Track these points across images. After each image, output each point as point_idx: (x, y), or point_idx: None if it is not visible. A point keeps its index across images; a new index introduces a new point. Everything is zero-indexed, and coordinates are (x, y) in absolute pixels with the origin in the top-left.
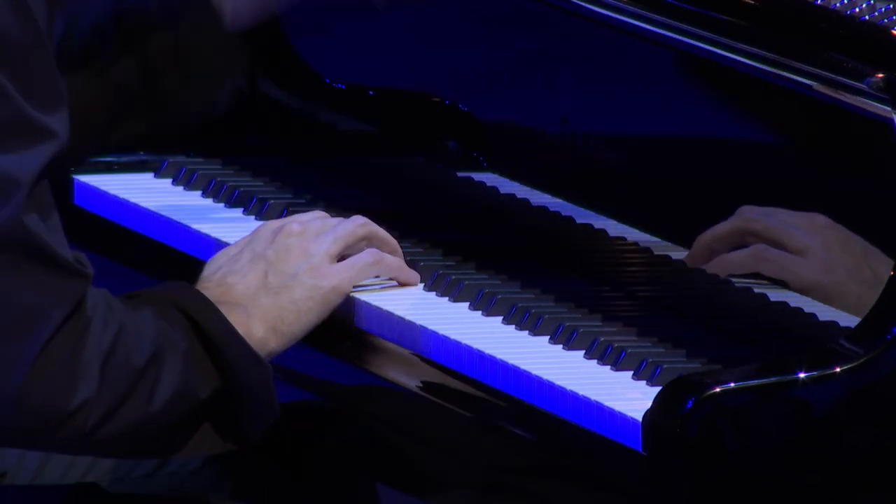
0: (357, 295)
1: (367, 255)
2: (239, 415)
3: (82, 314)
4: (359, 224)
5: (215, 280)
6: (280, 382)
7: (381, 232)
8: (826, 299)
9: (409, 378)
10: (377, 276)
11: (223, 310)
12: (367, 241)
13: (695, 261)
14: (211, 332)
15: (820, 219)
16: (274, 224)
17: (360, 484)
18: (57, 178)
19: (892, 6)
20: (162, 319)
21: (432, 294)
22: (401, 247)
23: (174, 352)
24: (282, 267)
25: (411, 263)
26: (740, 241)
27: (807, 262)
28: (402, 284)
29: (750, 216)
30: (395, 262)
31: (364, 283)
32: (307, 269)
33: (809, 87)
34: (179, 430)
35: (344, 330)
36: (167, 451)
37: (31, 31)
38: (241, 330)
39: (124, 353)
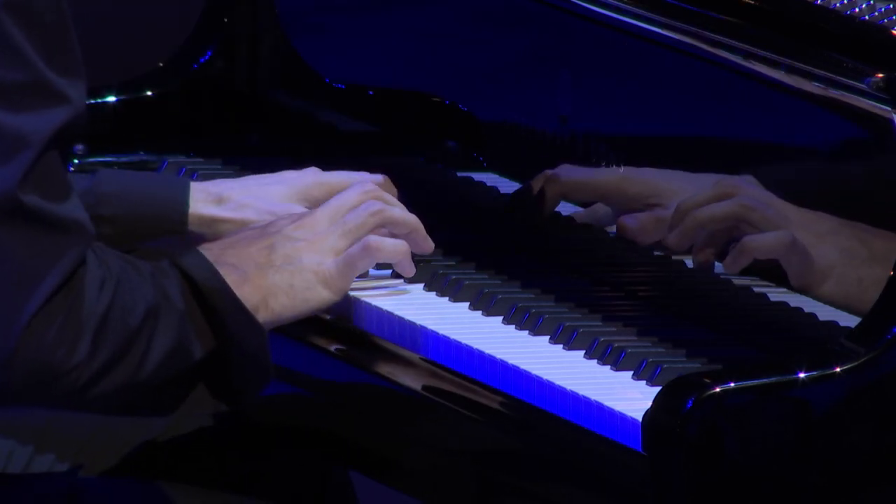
0: (356, 294)
1: (360, 250)
2: (233, 376)
3: (80, 276)
4: (371, 213)
5: (219, 243)
6: (277, 382)
7: (396, 214)
8: (822, 282)
9: (408, 378)
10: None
11: (221, 270)
12: (382, 227)
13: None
14: (208, 292)
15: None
16: (290, 214)
17: (352, 482)
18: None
19: (892, 6)
20: (160, 277)
21: (432, 294)
22: None
23: (170, 311)
24: (287, 251)
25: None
26: (733, 228)
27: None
28: (402, 273)
29: (748, 203)
30: (395, 247)
31: (365, 283)
32: (313, 266)
33: (809, 87)
34: (173, 387)
35: (343, 329)
36: (160, 408)
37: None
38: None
39: (120, 314)
